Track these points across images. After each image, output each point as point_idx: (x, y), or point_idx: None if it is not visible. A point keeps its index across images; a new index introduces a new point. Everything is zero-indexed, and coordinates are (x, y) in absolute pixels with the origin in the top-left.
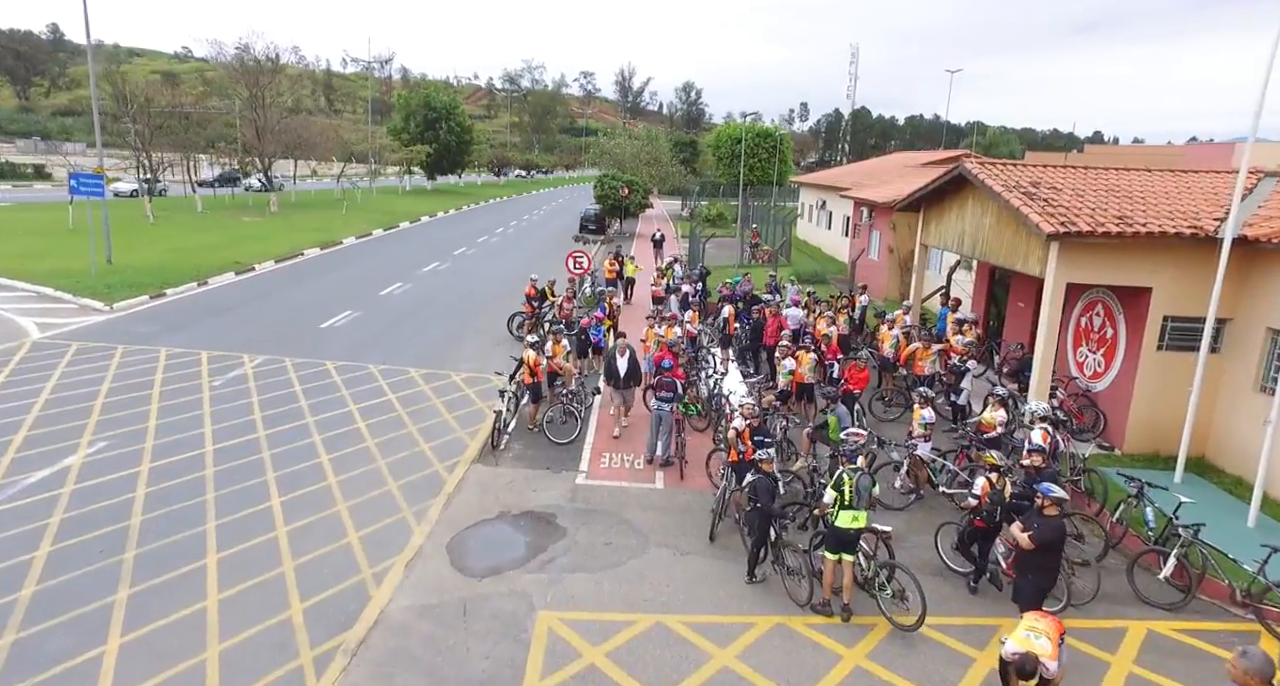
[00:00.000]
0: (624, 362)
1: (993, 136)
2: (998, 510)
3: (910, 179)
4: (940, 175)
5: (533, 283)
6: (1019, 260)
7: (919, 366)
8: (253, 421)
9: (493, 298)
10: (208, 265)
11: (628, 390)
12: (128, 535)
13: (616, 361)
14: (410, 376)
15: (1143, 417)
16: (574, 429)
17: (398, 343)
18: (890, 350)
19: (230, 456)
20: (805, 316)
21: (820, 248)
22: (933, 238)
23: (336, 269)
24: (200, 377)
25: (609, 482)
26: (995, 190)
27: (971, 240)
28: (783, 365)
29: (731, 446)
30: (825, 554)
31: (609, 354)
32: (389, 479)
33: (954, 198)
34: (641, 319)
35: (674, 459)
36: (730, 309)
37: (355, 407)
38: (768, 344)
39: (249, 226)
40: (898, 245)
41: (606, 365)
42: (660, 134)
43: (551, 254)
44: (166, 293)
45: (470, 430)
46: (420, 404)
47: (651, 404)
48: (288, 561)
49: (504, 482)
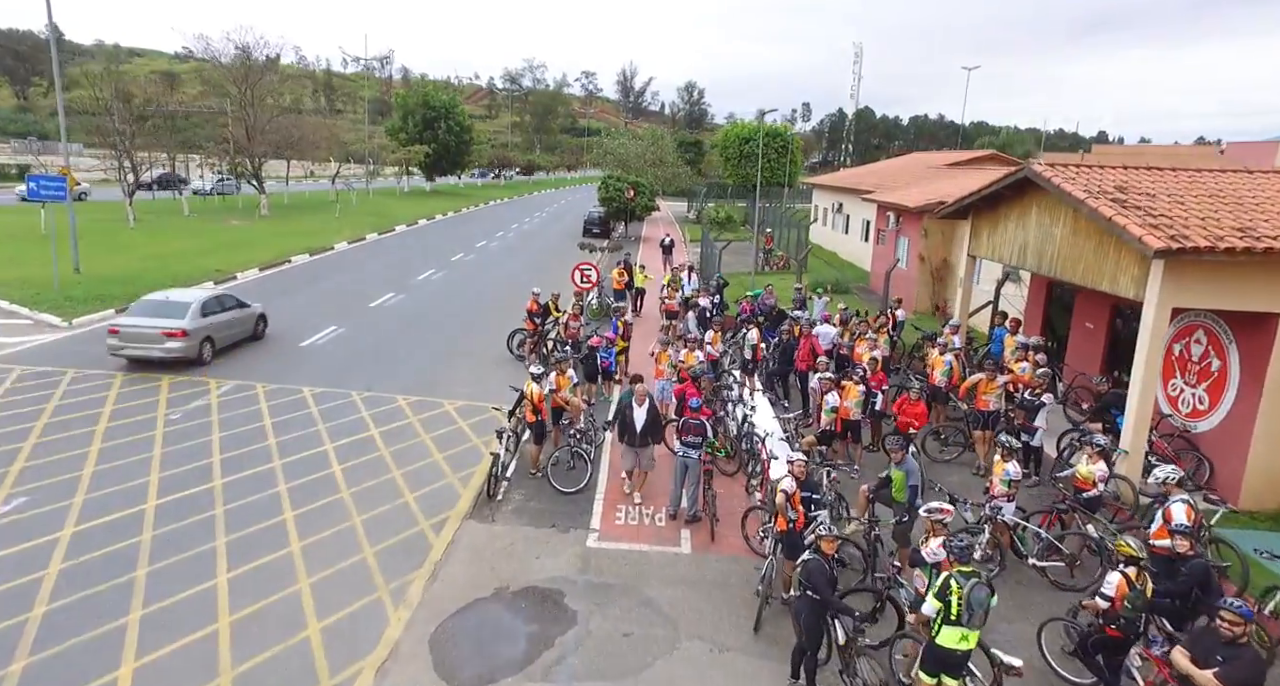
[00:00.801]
0: (642, 414)
1: (1007, 136)
2: (1139, 618)
3: (937, 181)
4: (998, 179)
5: (535, 297)
6: (1103, 279)
7: (982, 401)
8: (209, 467)
9: (492, 309)
10: (185, 274)
11: (645, 449)
12: (22, 634)
13: (632, 412)
14: (397, 406)
15: (1265, 466)
16: (583, 474)
17: (386, 364)
18: (942, 378)
19: (173, 515)
20: (839, 335)
21: (836, 253)
22: (984, 248)
23: (325, 277)
24: (156, 410)
25: (626, 545)
26: (1077, 197)
27: (1036, 253)
28: (825, 400)
29: (779, 513)
30: (921, 675)
31: (621, 403)
32: (364, 542)
33: (1013, 204)
34: (651, 334)
35: (701, 514)
36: (756, 333)
37: (331, 446)
38: (799, 369)
39: (236, 231)
40: (929, 253)
41: (618, 418)
42: (665, 134)
43: (555, 259)
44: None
45: (463, 474)
46: (407, 440)
47: (676, 448)
48: (224, 671)
49: (501, 546)
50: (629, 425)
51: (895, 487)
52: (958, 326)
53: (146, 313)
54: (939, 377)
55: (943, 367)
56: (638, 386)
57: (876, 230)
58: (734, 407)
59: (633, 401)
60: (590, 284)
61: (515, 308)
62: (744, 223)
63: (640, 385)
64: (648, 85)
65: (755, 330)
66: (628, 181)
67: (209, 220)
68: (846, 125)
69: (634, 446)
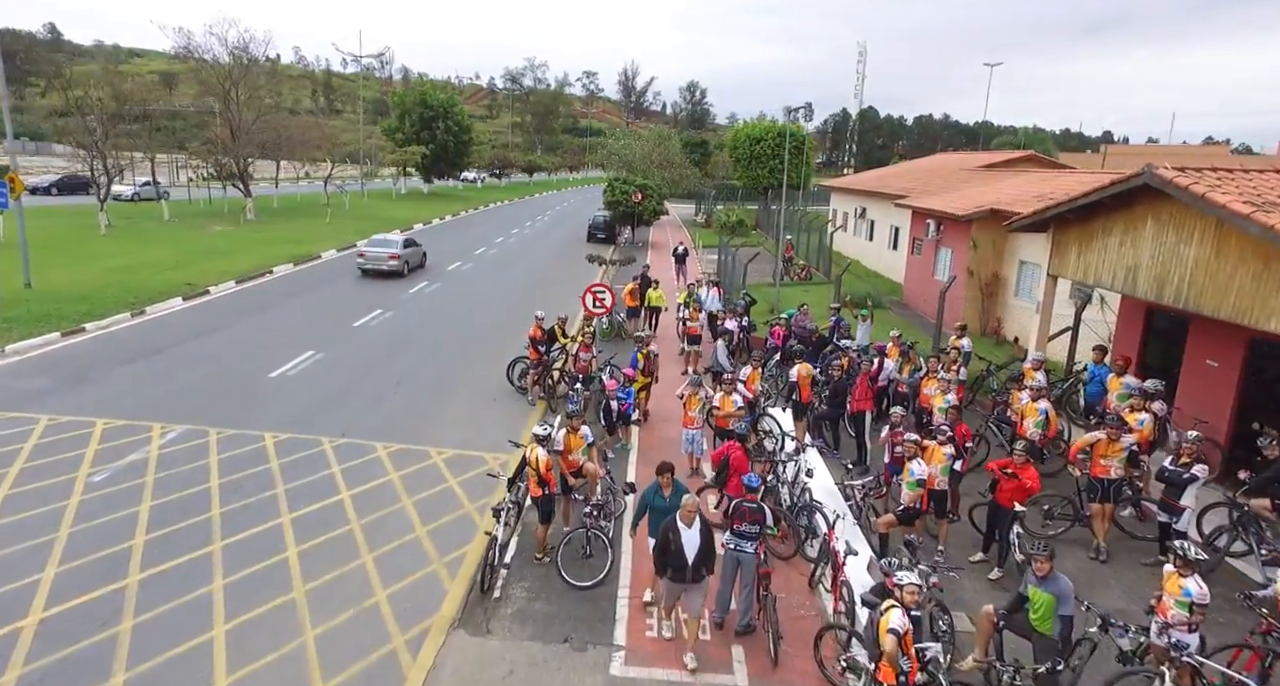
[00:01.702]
0: (694, 540)
1: (1024, 136)
2: None
3: (978, 185)
4: (1102, 185)
5: (538, 322)
6: (1258, 313)
7: (1100, 467)
8: (128, 552)
9: (491, 329)
10: (152, 288)
11: (696, 585)
12: None
13: (679, 537)
14: (375, 457)
15: None
16: (602, 561)
17: (365, 401)
18: (1036, 430)
19: (68, 632)
20: (897, 369)
21: (859, 261)
22: (1071, 268)
23: (307, 291)
24: (78, 468)
25: (663, 673)
26: (1237, 210)
27: (1155, 279)
28: (909, 469)
29: (889, 663)
30: None
31: (664, 528)
32: (316, 674)
33: (1115, 216)
34: (669, 361)
35: (756, 623)
36: (803, 370)
37: (289, 518)
38: (854, 410)
39: (216, 238)
40: (979, 267)
41: (659, 546)
42: (671, 134)
43: (559, 268)
44: (87, 327)
45: (451, 558)
46: (385, 507)
47: (725, 540)
48: None
49: (498, 676)
50: (672, 553)
51: (1037, 614)
52: (1041, 361)
53: (377, 246)
54: (1031, 429)
55: (1036, 418)
56: (685, 500)
57: (912, 239)
58: (783, 467)
59: (678, 523)
60: (605, 309)
61: (516, 326)
62: (754, 226)
63: (690, 498)
64: (649, 85)
65: (803, 367)
66: (635, 184)
67: (190, 226)
68: (851, 125)
69: (682, 581)
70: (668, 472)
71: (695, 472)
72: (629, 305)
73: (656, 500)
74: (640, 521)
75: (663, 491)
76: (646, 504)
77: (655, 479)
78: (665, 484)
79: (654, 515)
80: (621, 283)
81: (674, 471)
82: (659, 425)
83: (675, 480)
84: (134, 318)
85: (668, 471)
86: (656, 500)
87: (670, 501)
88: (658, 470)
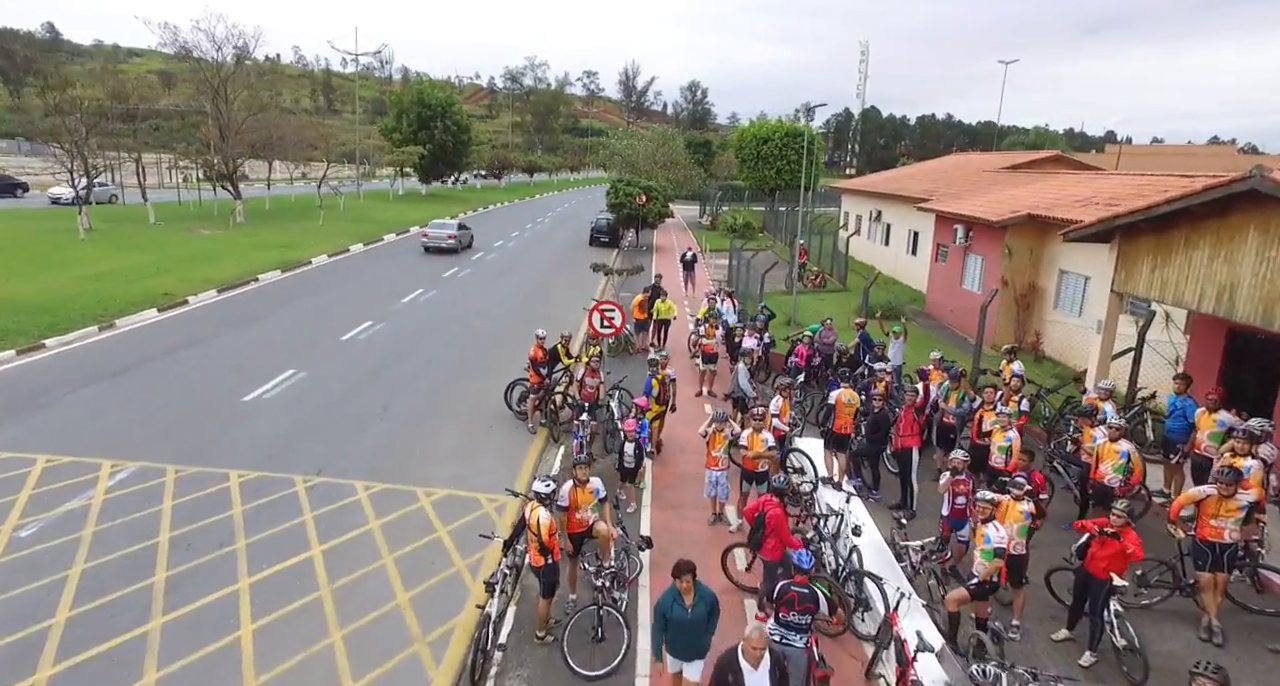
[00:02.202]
0: (761, 683)
1: (1036, 136)
2: None
3: (1006, 188)
4: (1192, 190)
5: (539, 342)
6: None
7: (1210, 528)
8: (42, 636)
9: (489, 342)
10: (125, 298)
11: None
12: None
13: (740, 679)
14: (355, 500)
15: None
16: (616, 645)
17: (347, 429)
18: (1115, 475)
19: None
20: (943, 396)
21: (874, 267)
22: (1143, 285)
23: (294, 300)
24: (3, 521)
25: None
26: None
27: (1260, 301)
28: (983, 534)
29: None
30: None
31: (720, 667)
32: None
33: (1202, 226)
34: (684, 383)
35: None
36: (844, 396)
37: (247, 582)
38: (899, 448)
39: (203, 242)
40: (1014, 277)
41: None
42: (675, 134)
43: (561, 276)
44: (47, 343)
45: (437, 634)
46: (362, 566)
47: (770, 630)
48: None
49: None
50: None
51: None
52: (1110, 391)
53: (436, 228)
54: (1110, 475)
55: (1116, 461)
56: (750, 636)
57: (936, 245)
58: (824, 522)
59: (739, 661)
60: (614, 329)
61: (515, 339)
62: (761, 229)
63: (756, 634)
64: (650, 85)
65: (844, 392)
66: (639, 186)
67: (176, 229)
68: (853, 125)
69: None
70: (688, 575)
71: (719, 519)
72: (637, 318)
73: (676, 611)
74: (662, 643)
75: (683, 599)
76: (664, 616)
77: (672, 582)
78: (685, 589)
79: (673, 631)
80: (630, 292)
81: (695, 572)
82: (674, 457)
83: (697, 582)
84: (101, 332)
85: (688, 573)
86: (676, 611)
87: (693, 613)
88: (674, 571)
